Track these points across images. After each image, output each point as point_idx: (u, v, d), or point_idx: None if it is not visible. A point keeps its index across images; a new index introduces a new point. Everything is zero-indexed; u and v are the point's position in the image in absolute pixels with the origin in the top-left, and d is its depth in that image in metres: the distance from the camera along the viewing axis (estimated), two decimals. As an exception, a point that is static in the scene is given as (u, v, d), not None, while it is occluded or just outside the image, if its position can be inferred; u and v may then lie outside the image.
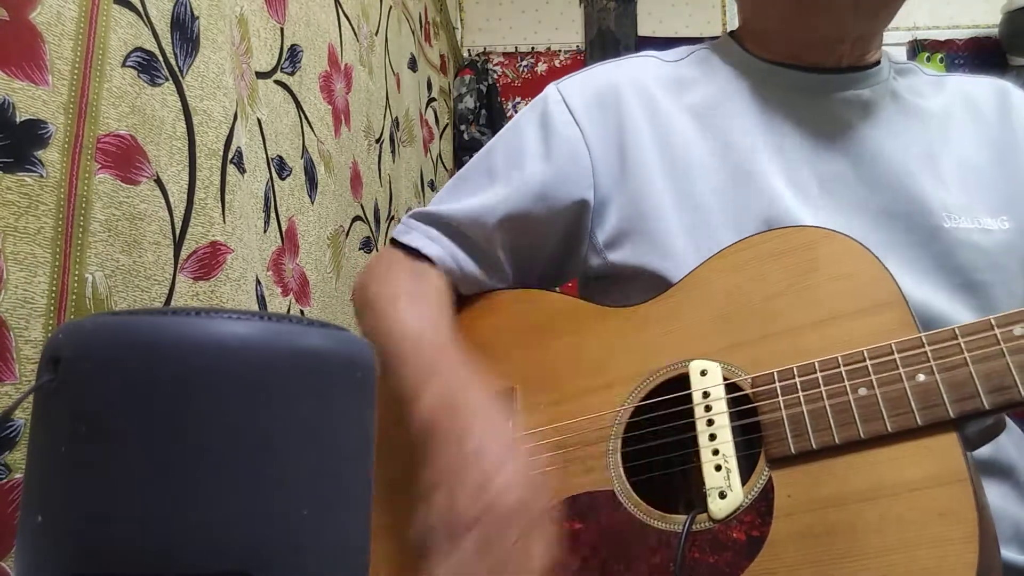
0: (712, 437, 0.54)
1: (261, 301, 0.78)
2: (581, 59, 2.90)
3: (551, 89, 0.77)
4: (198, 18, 0.66)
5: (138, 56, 0.59)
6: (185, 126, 0.64)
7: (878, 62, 0.71)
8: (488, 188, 0.73)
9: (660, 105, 0.72)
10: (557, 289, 0.77)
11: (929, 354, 0.48)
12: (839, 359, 0.51)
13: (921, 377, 0.48)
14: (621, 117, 0.72)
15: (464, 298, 0.74)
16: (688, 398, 0.56)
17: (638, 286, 0.66)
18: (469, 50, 2.86)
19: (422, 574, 0.48)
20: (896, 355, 0.49)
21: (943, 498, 0.45)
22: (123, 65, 0.57)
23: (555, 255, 0.75)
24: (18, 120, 0.48)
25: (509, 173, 0.73)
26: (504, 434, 0.53)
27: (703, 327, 0.59)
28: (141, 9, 0.59)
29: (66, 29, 0.52)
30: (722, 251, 0.61)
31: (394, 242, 0.76)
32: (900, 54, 2.79)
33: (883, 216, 0.64)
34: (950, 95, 0.73)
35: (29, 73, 0.49)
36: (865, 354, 0.50)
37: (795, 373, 0.52)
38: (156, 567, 0.28)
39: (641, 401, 0.58)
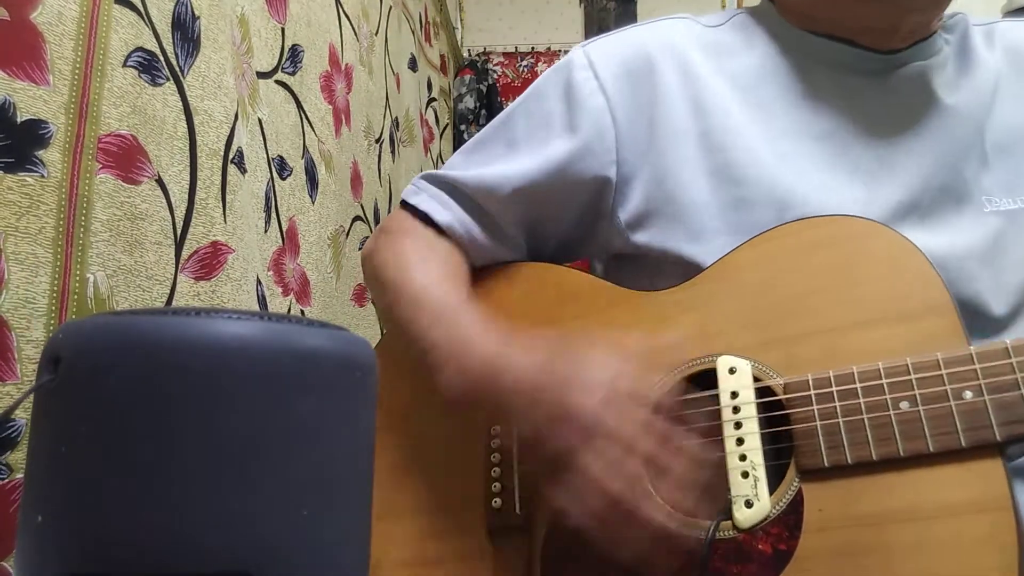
0: (740, 442, 0.51)
1: (262, 301, 0.78)
2: (581, 59, 2.89)
3: (577, 52, 0.70)
4: (199, 18, 0.66)
5: (139, 56, 0.59)
6: (186, 126, 0.64)
7: (934, 30, 0.65)
8: (506, 159, 0.69)
9: (697, 70, 0.66)
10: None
11: (979, 371, 0.46)
12: (881, 369, 0.48)
13: (968, 395, 0.45)
14: (653, 86, 0.66)
15: (475, 270, 0.71)
16: (715, 397, 0.53)
17: (663, 271, 0.63)
18: (469, 50, 2.86)
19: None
20: (943, 370, 0.47)
21: (984, 525, 0.43)
22: (124, 65, 0.57)
23: (571, 231, 0.71)
24: (19, 120, 0.48)
25: (530, 145, 0.69)
26: (561, 355, 0.53)
27: (733, 320, 0.55)
28: (142, 9, 0.59)
29: (67, 29, 0.52)
30: (757, 237, 0.57)
31: (404, 204, 0.73)
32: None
33: (929, 206, 0.60)
34: (999, 51, 0.67)
35: (30, 73, 0.49)
36: (909, 365, 0.47)
37: (832, 381, 0.49)
38: (156, 567, 0.28)
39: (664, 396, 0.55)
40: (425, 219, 0.70)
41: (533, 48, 2.94)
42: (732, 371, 0.53)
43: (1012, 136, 0.63)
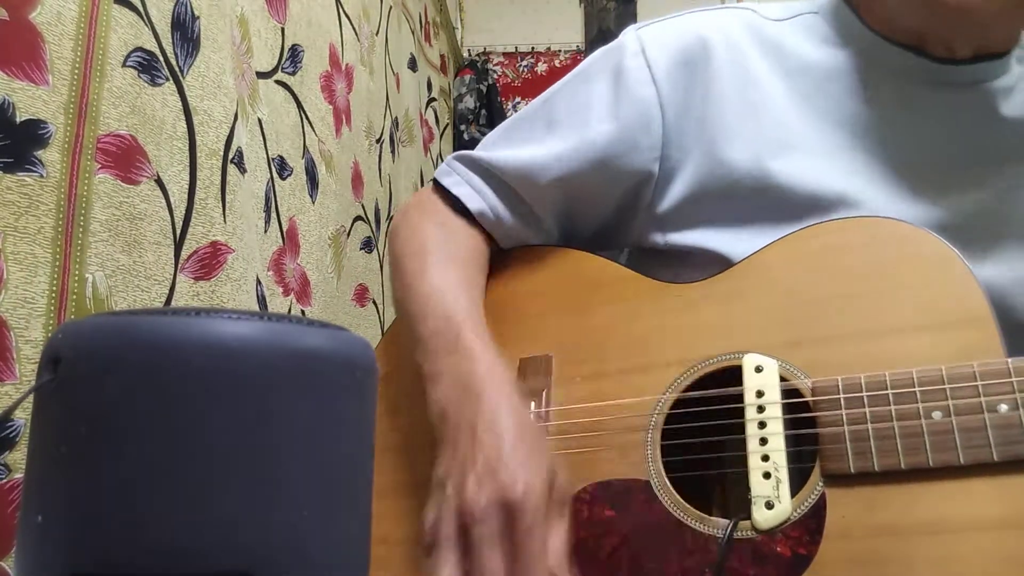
0: (763, 441, 0.50)
1: (262, 301, 0.78)
2: (581, 59, 2.89)
3: (631, 36, 0.66)
4: (199, 18, 0.66)
5: (138, 56, 0.58)
6: (186, 126, 0.64)
7: (1008, 49, 0.62)
8: (544, 140, 0.66)
9: (754, 66, 0.64)
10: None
11: (1015, 384, 0.44)
12: (914, 376, 0.47)
13: (1003, 408, 0.44)
14: (708, 80, 0.63)
15: (503, 252, 0.69)
16: (739, 395, 0.52)
17: (692, 264, 0.61)
18: (469, 50, 2.86)
19: (434, 564, 0.47)
20: (979, 381, 0.45)
21: (1011, 543, 0.42)
22: (123, 65, 0.57)
23: (606, 224, 0.70)
24: (18, 120, 0.48)
25: (570, 129, 0.65)
26: (517, 417, 0.50)
27: (761, 317, 0.54)
28: (141, 9, 0.59)
29: (66, 29, 0.52)
30: (791, 234, 0.55)
31: (435, 183, 0.70)
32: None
33: (972, 234, 0.58)
34: None
35: (29, 73, 0.49)
36: (944, 374, 0.46)
37: (863, 385, 0.48)
38: (156, 567, 0.28)
39: (686, 390, 0.55)
40: (456, 203, 0.68)
41: (533, 48, 2.93)
42: (758, 369, 0.52)
43: None
